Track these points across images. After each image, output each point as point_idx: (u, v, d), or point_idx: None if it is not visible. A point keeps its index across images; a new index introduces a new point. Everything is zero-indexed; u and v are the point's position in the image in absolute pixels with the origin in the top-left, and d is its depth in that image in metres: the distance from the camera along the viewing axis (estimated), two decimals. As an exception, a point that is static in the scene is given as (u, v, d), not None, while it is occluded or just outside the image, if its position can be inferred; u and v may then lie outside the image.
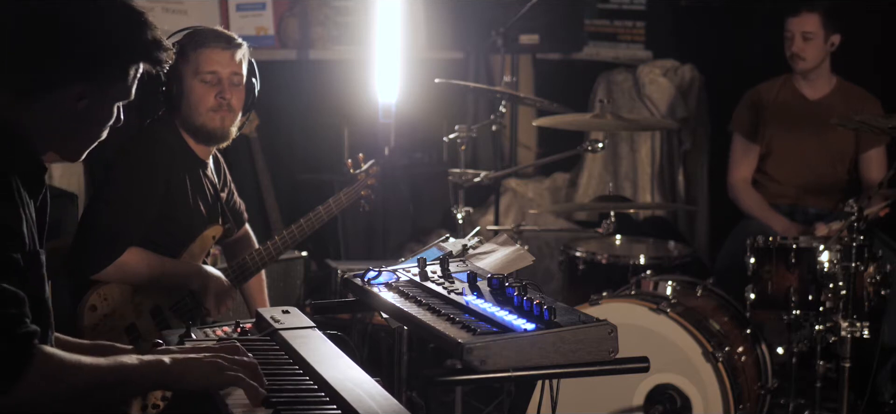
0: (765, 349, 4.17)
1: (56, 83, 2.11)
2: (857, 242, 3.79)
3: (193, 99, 3.38)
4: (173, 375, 2.09)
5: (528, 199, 6.10)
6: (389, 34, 5.77)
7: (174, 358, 2.11)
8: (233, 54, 3.40)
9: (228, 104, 3.39)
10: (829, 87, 4.87)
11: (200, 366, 2.10)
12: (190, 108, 3.39)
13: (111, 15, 2.14)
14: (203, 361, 2.11)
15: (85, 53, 2.11)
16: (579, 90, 6.11)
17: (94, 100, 2.15)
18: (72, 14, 2.10)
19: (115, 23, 2.14)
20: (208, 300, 3.41)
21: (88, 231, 3.31)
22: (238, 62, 3.41)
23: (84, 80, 2.13)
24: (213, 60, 3.37)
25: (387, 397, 2.03)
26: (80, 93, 2.13)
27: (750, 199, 4.89)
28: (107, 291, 3.31)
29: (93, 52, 2.12)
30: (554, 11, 5.98)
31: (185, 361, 2.11)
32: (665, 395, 3.81)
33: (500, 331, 2.12)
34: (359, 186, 3.79)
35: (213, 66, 3.37)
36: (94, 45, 2.12)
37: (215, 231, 3.50)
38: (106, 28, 2.13)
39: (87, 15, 2.11)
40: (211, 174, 3.53)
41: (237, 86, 3.42)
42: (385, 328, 4.29)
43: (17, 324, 1.96)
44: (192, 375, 2.09)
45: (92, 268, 3.27)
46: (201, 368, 2.10)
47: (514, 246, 2.91)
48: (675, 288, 4.11)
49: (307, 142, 5.98)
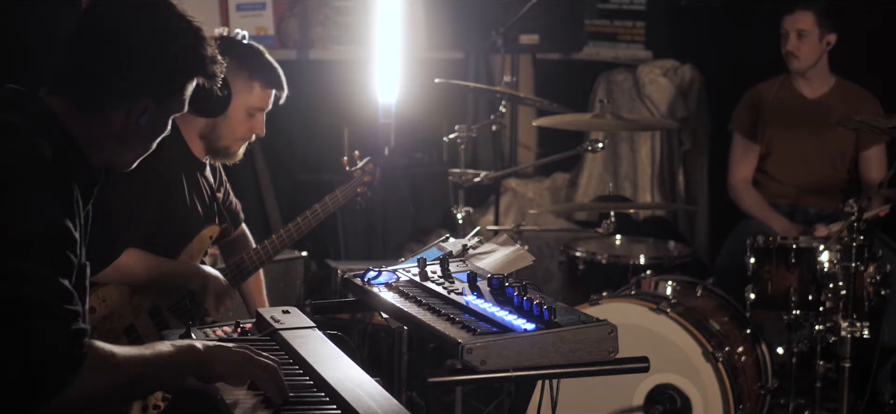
0: (765, 349, 4.17)
1: (120, 98, 2.15)
2: (857, 242, 3.79)
3: (233, 122, 3.38)
4: (206, 360, 2.11)
5: (528, 199, 6.10)
6: (389, 34, 5.77)
7: (206, 345, 2.14)
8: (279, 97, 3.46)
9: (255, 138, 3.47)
10: (828, 86, 4.87)
11: (231, 354, 2.13)
12: (225, 127, 3.39)
13: (174, 32, 2.18)
14: (233, 350, 2.14)
15: (150, 70, 2.15)
16: (579, 90, 6.11)
17: (154, 114, 2.20)
18: (137, 30, 2.14)
19: (178, 40, 2.18)
20: (207, 300, 3.41)
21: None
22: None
23: (148, 96, 2.17)
24: (267, 100, 3.42)
25: (387, 397, 2.03)
26: (144, 107, 2.17)
27: (750, 200, 4.89)
28: (105, 292, 3.30)
29: (157, 69, 2.16)
30: (554, 11, 5.98)
31: (218, 347, 2.15)
32: (665, 395, 3.81)
33: (500, 331, 2.12)
34: (355, 183, 3.79)
35: (265, 105, 3.42)
36: (159, 62, 2.16)
37: (212, 231, 3.50)
38: (170, 45, 2.17)
39: (153, 32, 2.15)
40: (208, 174, 3.53)
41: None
42: (385, 328, 4.29)
43: (74, 321, 1.98)
44: (223, 362, 2.12)
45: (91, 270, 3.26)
46: (232, 356, 2.13)
47: (514, 246, 2.91)
48: (675, 288, 4.11)
49: (307, 142, 5.98)
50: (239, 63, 3.33)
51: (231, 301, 3.50)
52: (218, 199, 3.56)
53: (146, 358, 2.06)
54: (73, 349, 1.96)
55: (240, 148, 3.47)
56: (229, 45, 3.33)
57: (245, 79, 3.35)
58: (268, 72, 3.40)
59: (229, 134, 3.40)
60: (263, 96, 3.40)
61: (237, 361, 2.12)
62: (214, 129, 3.39)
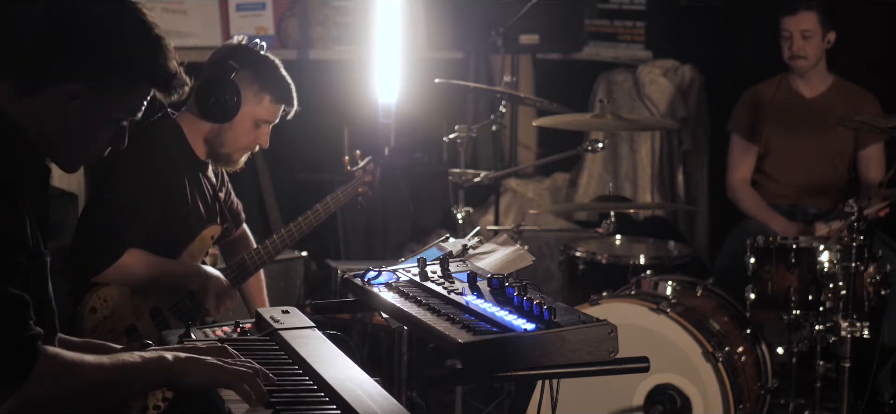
0: (765, 349, 4.17)
1: (49, 75, 2.08)
2: (857, 242, 3.79)
3: (238, 131, 3.39)
4: (175, 371, 2.09)
5: (528, 199, 6.10)
6: (389, 34, 5.77)
7: (176, 355, 2.11)
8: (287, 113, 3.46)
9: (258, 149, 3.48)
10: (826, 85, 4.88)
11: (203, 364, 2.10)
12: (230, 134, 3.39)
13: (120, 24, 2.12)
14: (205, 360, 2.11)
15: (84, 53, 2.09)
16: (579, 90, 6.10)
17: (87, 104, 2.11)
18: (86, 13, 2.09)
19: (126, 35, 2.12)
20: (208, 301, 3.41)
21: (88, 233, 3.31)
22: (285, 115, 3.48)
23: (78, 79, 2.09)
24: (275, 114, 3.43)
25: (387, 397, 2.03)
26: (73, 91, 2.09)
27: (749, 200, 4.89)
28: (106, 292, 3.30)
29: (90, 51, 2.09)
30: (554, 11, 5.97)
31: (188, 358, 2.11)
32: (665, 395, 3.81)
33: (500, 331, 2.12)
34: (356, 183, 3.79)
35: (273, 118, 3.43)
36: (96, 48, 2.09)
37: (214, 231, 3.50)
38: (109, 32, 2.10)
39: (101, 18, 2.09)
40: (210, 174, 3.53)
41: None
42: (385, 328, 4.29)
43: (21, 327, 1.96)
44: (194, 372, 2.09)
45: (92, 270, 3.27)
46: (203, 366, 2.10)
47: (514, 246, 2.91)
48: (675, 288, 4.11)
49: (307, 142, 5.98)
50: (253, 73, 3.34)
51: (231, 301, 3.51)
52: (220, 199, 3.56)
53: (105, 367, 2.03)
54: (18, 357, 1.94)
55: (242, 157, 3.48)
56: (245, 55, 3.34)
57: (256, 90, 3.36)
58: (280, 86, 3.41)
59: (233, 142, 3.41)
60: (272, 110, 3.41)
61: (208, 372, 2.09)
62: (219, 135, 3.40)
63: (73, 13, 2.08)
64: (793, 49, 4.76)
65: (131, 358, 2.08)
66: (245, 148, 3.45)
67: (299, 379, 2.20)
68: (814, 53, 4.76)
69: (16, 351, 1.94)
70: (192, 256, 3.44)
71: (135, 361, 2.07)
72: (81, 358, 2.03)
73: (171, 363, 2.09)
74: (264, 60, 3.39)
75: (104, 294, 3.30)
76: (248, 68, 3.33)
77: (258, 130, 3.42)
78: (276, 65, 3.42)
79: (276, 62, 3.43)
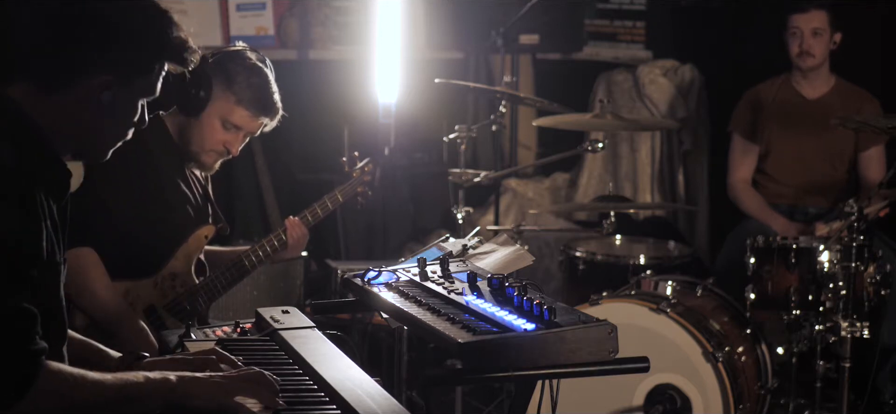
0: (765, 349, 4.17)
1: (79, 72, 2.09)
2: (857, 242, 3.79)
3: (205, 130, 3.32)
4: (180, 393, 2.07)
5: (528, 199, 6.10)
6: (389, 34, 5.77)
7: (180, 377, 2.09)
8: (264, 124, 3.38)
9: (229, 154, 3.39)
10: (828, 86, 4.88)
11: (207, 386, 2.08)
12: (196, 131, 3.33)
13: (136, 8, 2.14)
14: (209, 382, 2.09)
15: (109, 43, 2.10)
16: (579, 90, 6.11)
17: (118, 92, 2.13)
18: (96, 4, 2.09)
19: (140, 16, 2.14)
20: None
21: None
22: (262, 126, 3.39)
23: (108, 70, 2.11)
24: (245, 121, 3.33)
25: (387, 397, 2.03)
26: (104, 83, 2.11)
27: (749, 200, 4.89)
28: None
29: (117, 42, 2.10)
30: (554, 11, 5.97)
31: (192, 380, 2.10)
32: (665, 395, 3.81)
33: (500, 331, 2.12)
34: (355, 183, 3.78)
35: (242, 124, 3.33)
36: (119, 35, 2.11)
37: (208, 231, 3.46)
38: (130, 19, 2.12)
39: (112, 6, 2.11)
40: (198, 173, 3.49)
41: (244, 142, 3.41)
42: (385, 328, 4.30)
43: (27, 340, 1.95)
44: (198, 396, 2.08)
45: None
46: (208, 388, 2.08)
47: (514, 246, 2.91)
48: (675, 288, 4.11)
49: (307, 142, 5.98)
50: (224, 72, 3.29)
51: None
52: (211, 199, 3.53)
53: (107, 386, 2.02)
54: (21, 371, 1.94)
55: (212, 160, 3.39)
56: (230, 57, 3.31)
57: (223, 87, 3.29)
58: (250, 90, 3.31)
59: (200, 139, 3.34)
60: (242, 115, 3.31)
61: (213, 393, 2.07)
62: (187, 130, 3.34)
63: (86, 5, 2.09)
64: (802, 46, 4.75)
65: (135, 378, 2.07)
66: (213, 150, 3.35)
67: (299, 379, 2.19)
68: (821, 52, 4.77)
69: (18, 364, 1.94)
70: (187, 256, 3.38)
71: (138, 382, 2.06)
72: (83, 375, 2.02)
73: (174, 385, 2.07)
74: (240, 62, 3.32)
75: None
76: (221, 67, 3.29)
77: (227, 134, 3.33)
78: (258, 70, 3.33)
79: (258, 67, 3.34)
